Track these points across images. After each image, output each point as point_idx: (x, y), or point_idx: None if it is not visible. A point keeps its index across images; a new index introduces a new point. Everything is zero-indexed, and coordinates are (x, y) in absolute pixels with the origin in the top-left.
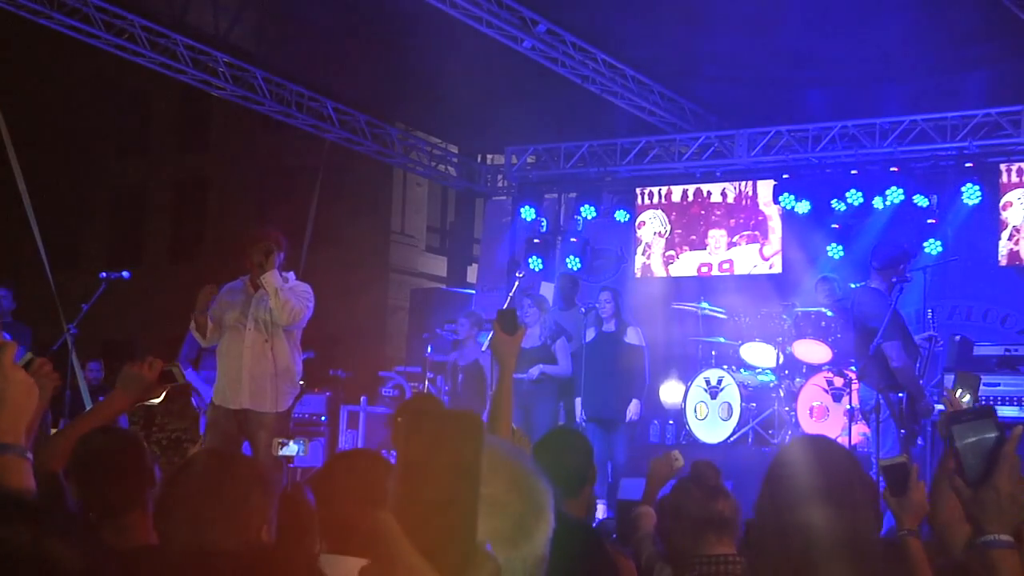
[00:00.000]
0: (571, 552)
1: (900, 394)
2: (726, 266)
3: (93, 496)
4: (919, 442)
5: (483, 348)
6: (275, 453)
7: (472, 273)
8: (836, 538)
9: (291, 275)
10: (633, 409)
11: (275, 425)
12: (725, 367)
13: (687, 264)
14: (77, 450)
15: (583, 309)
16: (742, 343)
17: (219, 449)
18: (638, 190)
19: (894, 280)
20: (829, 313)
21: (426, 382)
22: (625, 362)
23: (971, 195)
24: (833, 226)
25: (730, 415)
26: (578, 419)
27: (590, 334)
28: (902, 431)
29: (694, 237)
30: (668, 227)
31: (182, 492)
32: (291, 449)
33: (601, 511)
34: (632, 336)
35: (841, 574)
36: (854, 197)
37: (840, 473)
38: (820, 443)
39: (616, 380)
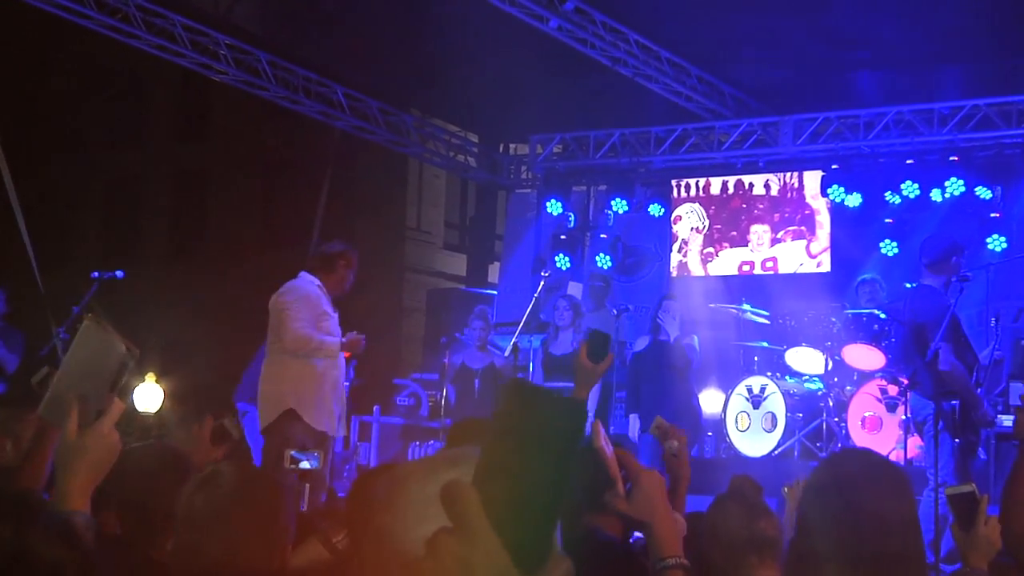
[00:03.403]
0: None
1: (954, 402)
2: (770, 264)
3: (133, 513)
4: (981, 455)
5: (506, 353)
6: (287, 466)
7: (494, 272)
8: (887, 564)
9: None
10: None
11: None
12: (769, 374)
13: (727, 262)
14: (116, 467)
15: (615, 311)
16: (787, 348)
17: (243, 463)
18: (674, 182)
19: (953, 279)
20: (882, 315)
21: (444, 390)
22: (684, 371)
23: None
24: (887, 221)
25: (774, 426)
26: (630, 435)
27: (642, 342)
28: (956, 440)
29: (735, 233)
30: (706, 222)
31: (213, 506)
32: (306, 463)
33: None
34: (690, 345)
35: None
36: (910, 189)
37: (892, 494)
38: (871, 460)
39: (676, 389)
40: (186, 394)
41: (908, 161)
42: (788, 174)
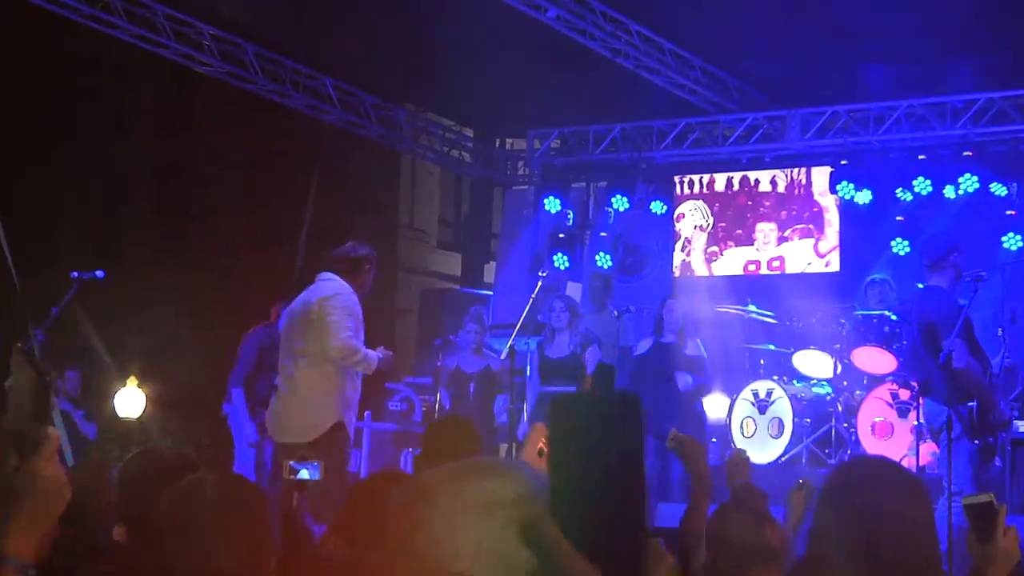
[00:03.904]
0: None
1: (971, 404)
2: (776, 264)
3: (140, 520)
4: (996, 462)
5: (502, 356)
6: (287, 476)
7: (489, 272)
8: (903, 569)
9: None
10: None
11: None
12: (775, 378)
13: (732, 261)
14: (124, 474)
15: (615, 312)
16: (794, 351)
17: (226, 471)
18: (676, 178)
19: (963, 277)
20: (893, 317)
21: (438, 395)
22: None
23: None
24: (898, 218)
25: (781, 432)
26: None
27: (644, 344)
28: (975, 441)
29: (740, 231)
30: (711, 220)
31: (195, 515)
32: (306, 473)
33: None
34: (693, 348)
35: None
36: (922, 186)
37: (907, 498)
38: (886, 464)
39: (679, 392)
40: None
41: (920, 156)
42: (795, 170)
